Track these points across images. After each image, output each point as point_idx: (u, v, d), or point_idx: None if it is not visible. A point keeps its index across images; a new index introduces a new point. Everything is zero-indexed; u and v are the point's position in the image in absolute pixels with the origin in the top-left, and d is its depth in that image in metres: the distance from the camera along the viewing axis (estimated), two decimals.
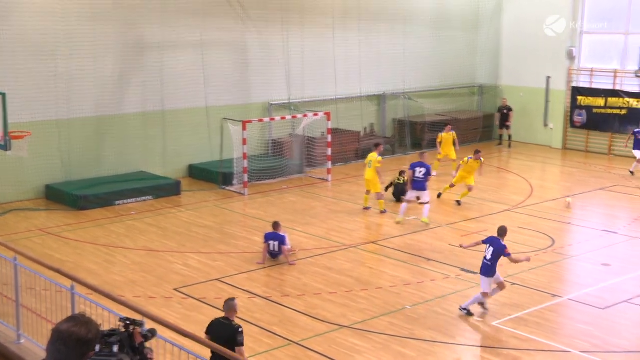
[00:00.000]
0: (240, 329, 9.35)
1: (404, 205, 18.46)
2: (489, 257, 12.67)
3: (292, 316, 12.92)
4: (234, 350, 8.73)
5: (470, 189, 19.96)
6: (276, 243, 15.51)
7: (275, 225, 15.71)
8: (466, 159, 19.93)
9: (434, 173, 21.64)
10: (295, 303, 13.48)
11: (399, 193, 20.28)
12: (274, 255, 15.62)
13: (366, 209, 19.55)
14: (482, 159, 20.04)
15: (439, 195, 20.59)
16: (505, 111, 28.14)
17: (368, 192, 19.48)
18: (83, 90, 21.00)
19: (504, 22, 29.72)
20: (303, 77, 25.56)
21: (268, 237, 15.58)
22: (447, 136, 23.52)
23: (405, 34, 27.93)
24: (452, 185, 20.34)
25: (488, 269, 12.74)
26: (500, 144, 28.46)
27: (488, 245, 12.82)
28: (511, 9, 29.45)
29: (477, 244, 13.41)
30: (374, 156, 19.25)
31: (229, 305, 9.72)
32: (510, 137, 28.29)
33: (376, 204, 19.36)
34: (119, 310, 8.76)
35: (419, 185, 18.27)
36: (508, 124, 28.18)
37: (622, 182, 22.74)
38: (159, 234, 17.67)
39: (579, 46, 27.69)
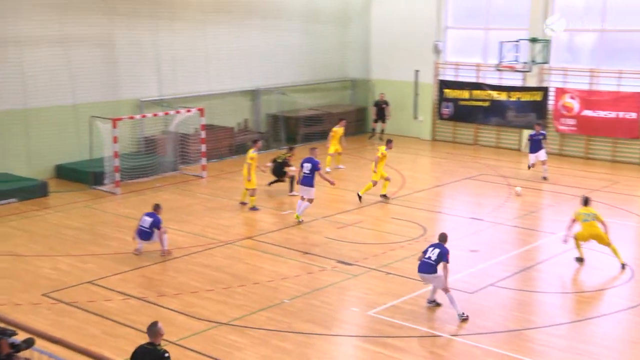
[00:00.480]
0: (166, 354, 8.72)
1: (299, 201, 18.29)
2: (433, 257, 12.70)
3: (169, 316, 12.70)
4: None
5: (387, 179, 20.17)
6: (150, 220, 15.29)
7: (156, 207, 15.64)
8: (383, 150, 20.03)
9: (327, 169, 21.90)
10: (172, 302, 13.25)
11: (276, 171, 20.64)
12: (144, 235, 15.30)
13: (242, 203, 19.49)
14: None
15: (384, 196, 20.11)
16: (383, 105, 28.61)
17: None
18: None
19: (372, 18, 30.38)
20: (175, 73, 25.12)
21: (144, 215, 15.46)
22: (339, 131, 23.60)
23: (276, 29, 28.00)
24: (387, 179, 20.11)
25: (430, 267, 12.72)
26: (372, 136, 29.03)
27: (433, 247, 12.87)
28: (380, 4, 30.15)
29: (420, 258, 13.08)
30: (249, 152, 19.26)
31: (153, 330, 9.01)
32: (383, 130, 28.91)
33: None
34: None
35: (304, 181, 18.10)
36: (387, 118, 28.63)
37: (487, 171, 23.78)
38: (25, 237, 16.89)
39: (444, 41, 28.71)
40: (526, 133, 26.84)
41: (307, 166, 18.02)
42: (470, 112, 28.03)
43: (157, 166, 22.72)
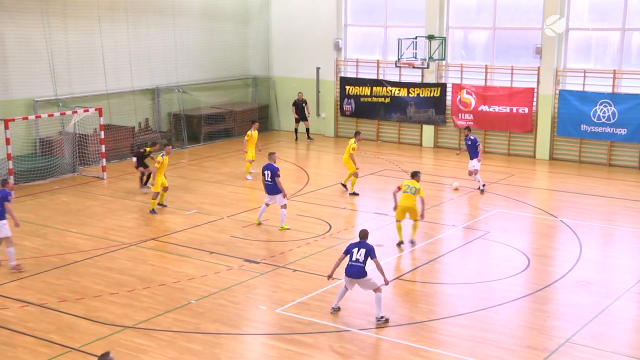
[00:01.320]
0: None
1: (262, 207, 17.78)
2: (361, 258, 12.35)
3: (71, 321, 12.33)
4: None
5: (356, 175, 20.57)
6: None
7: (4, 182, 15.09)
8: (352, 143, 20.47)
9: (248, 177, 21.52)
10: (74, 307, 12.87)
11: (140, 162, 20.62)
12: None
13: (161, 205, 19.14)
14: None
15: (353, 195, 20.47)
16: (302, 104, 28.22)
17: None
18: None
19: (272, 15, 30.39)
20: (70, 71, 24.33)
21: None
22: (254, 134, 22.71)
23: (175, 27, 27.57)
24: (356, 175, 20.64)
25: (362, 270, 12.40)
26: (297, 139, 28.39)
27: (357, 248, 12.47)
28: (279, 2, 30.17)
29: (341, 260, 12.76)
30: (158, 157, 18.98)
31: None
32: (308, 129, 28.45)
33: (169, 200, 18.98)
34: None
35: (268, 188, 17.50)
36: (308, 115, 28.33)
37: (389, 167, 24.19)
38: None
39: (344, 38, 29.02)
40: (426, 128, 27.54)
41: (268, 173, 17.43)
42: (372, 108, 28.46)
43: (55, 168, 21.98)
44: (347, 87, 28.87)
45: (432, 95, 27.18)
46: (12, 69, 22.71)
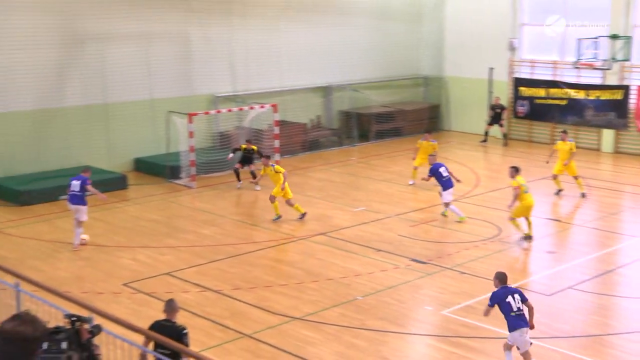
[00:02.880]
0: (185, 331, 8.82)
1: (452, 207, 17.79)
2: (521, 306, 10.33)
3: (243, 309, 12.86)
4: (178, 354, 8.27)
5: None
6: (78, 182, 15.72)
7: (86, 169, 16.30)
8: (573, 146, 20.46)
9: (410, 182, 21.26)
10: (246, 296, 13.41)
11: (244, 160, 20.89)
12: (74, 199, 15.67)
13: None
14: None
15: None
16: (498, 110, 27.30)
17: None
18: (22, 83, 20.47)
19: (446, 14, 30.04)
20: (248, 68, 25.40)
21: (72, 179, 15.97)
22: (425, 145, 21.43)
23: (349, 26, 27.99)
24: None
25: (524, 319, 10.38)
26: (485, 140, 27.53)
27: (510, 295, 10.40)
28: (454, 1, 29.78)
29: (487, 313, 10.81)
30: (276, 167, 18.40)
31: (171, 306, 9.21)
32: (505, 135, 27.38)
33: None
34: (65, 306, 8.57)
35: (448, 183, 17.94)
36: (502, 122, 27.27)
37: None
38: (106, 228, 17.38)
39: (519, 37, 28.18)
40: (606, 132, 26.13)
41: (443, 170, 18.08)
42: (547, 110, 27.42)
43: (232, 161, 22.98)
44: (521, 89, 28.00)
45: (613, 97, 25.77)
46: (196, 67, 24.06)
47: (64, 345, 5.75)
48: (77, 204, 15.74)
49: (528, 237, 16.12)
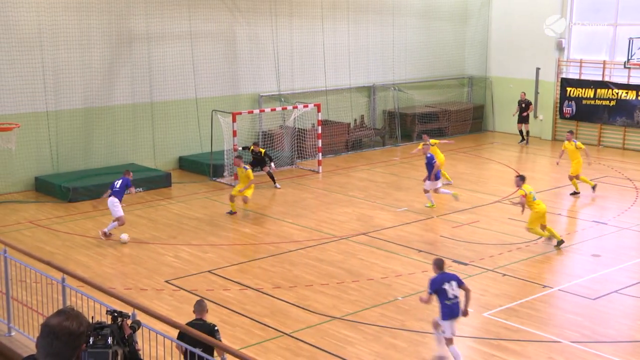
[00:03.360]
0: (216, 328, 9.28)
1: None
2: (457, 293, 10.64)
3: (283, 308, 12.92)
4: (212, 351, 8.61)
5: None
6: (120, 181, 16.45)
7: (126, 172, 16.90)
8: (581, 144, 20.24)
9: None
10: (287, 295, 13.47)
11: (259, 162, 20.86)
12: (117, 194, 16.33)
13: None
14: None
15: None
16: (523, 105, 27.07)
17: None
18: (71, 82, 20.89)
19: (492, 14, 29.73)
20: (292, 68, 25.50)
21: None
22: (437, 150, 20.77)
23: (394, 26, 27.91)
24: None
25: (457, 308, 10.69)
26: (523, 140, 27.29)
27: (446, 282, 10.61)
28: (501, 0, 29.46)
29: (426, 302, 10.93)
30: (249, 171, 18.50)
31: (201, 305, 9.65)
32: (527, 132, 27.26)
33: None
34: (109, 302, 8.72)
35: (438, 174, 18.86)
36: (527, 117, 26.97)
37: (611, 174, 22.82)
38: (150, 225, 17.62)
39: (568, 37, 27.74)
40: None
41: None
42: (594, 111, 26.96)
43: (275, 160, 23.09)
44: (569, 89, 27.57)
45: None
46: (241, 66, 24.26)
47: (109, 340, 5.85)
48: (115, 198, 16.37)
49: (560, 242, 15.81)
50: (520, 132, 27.46)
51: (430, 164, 18.72)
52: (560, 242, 15.83)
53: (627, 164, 24.11)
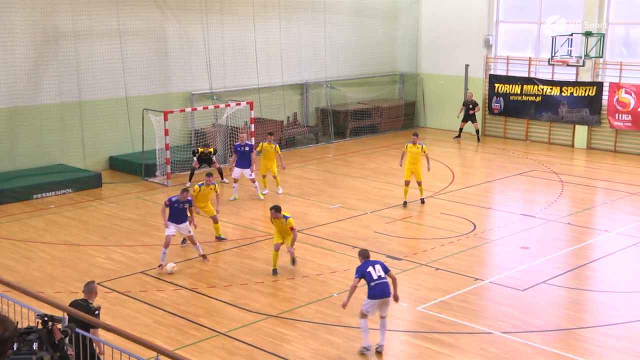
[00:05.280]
0: (97, 312, 9.41)
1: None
2: (382, 274, 11.26)
3: (218, 307, 12.84)
4: (89, 327, 8.89)
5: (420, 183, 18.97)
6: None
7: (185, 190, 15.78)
8: (407, 145, 18.91)
9: (265, 191, 20.00)
10: (222, 294, 13.39)
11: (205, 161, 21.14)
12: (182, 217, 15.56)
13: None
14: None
15: (422, 201, 19.11)
16: (470, 106, 27.37)
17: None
18: None
19: (422, 12, 30.16)
20: (224, 66, 25.32)
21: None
22: (267, 147, 20.16)
23: (325, 23, 28.01)
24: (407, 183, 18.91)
25: (381, 289, 11.21)
26: (458, 136, 27.74)
27: (370, 265, 11.32)
28: None
29: (355, 287, 11.35)
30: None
31: (90, 287, 9.83)
32: (478, 131, 27.53)
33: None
34: (38, 307, 8.51)
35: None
36: (474, 115, 27.23)
37: (538, 167, 23.44)
38: (80, 227, 17.25)
39: (495, 35, 28.35)
40: (579, 129, 26.39)
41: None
42: (522, 107, 27.64)
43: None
44: (497, 85, 28.19)
45: (586, 94, 26.02)
46: (172, 64, 23.95)
47: (34, 346, 5.70)
48: (183, 222, 14.99)
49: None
50: (461, 129, 27.83)
51: (245, 152, 19.48)
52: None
53: (553, 158, 24.81)
